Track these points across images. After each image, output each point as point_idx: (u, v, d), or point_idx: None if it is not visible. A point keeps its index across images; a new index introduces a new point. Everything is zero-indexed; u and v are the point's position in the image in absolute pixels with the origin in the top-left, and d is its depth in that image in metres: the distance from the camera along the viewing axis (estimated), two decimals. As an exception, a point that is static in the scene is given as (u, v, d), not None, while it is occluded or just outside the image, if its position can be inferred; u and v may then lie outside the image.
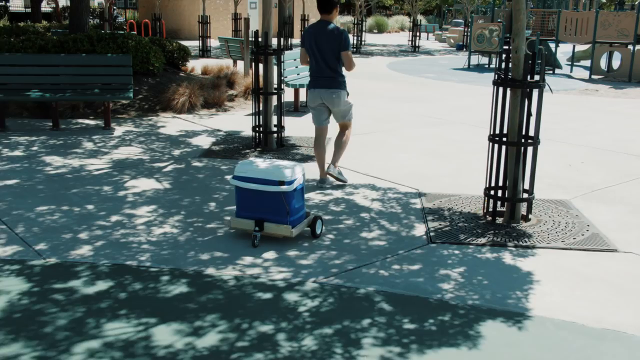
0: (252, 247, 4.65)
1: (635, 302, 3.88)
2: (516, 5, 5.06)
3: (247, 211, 4.79)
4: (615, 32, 17.35)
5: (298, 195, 4.82)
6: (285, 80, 10.20)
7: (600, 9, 21.85)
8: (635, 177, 6.83)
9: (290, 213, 4.70)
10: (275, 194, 4.66)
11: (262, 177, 4.68)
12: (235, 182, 4.76)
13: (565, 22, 18.63)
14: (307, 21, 28.57)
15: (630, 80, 17.05)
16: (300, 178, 4.81)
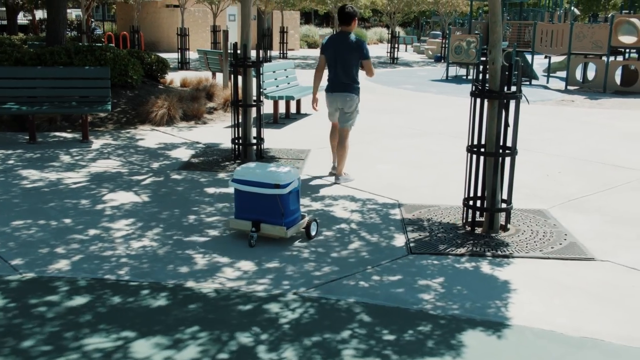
0: (249, 247, 4.88)
1: (613, 311, 3.92)
2: (492, 18, 5.12)
3: (244, 213, 5.02)
4: (590, 44, 17.62)
5: (293, 198, 5.03)
6: (265, 92, 10.21)
7: (575, 21, 22.19)
8: (612, 186, 6.92)
9: (285, 215, 4.91)
10: (270, 196, 4.89)
11: (258, 180, 4.92)
12: (234, 185, 5.01)
13: (541, 34, 18.89)
14: (286, 33, 28.68)
15: (605, 91, 17.30)
16: (295, 181, 5.02)
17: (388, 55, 29.43)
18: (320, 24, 58.11)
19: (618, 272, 4.55)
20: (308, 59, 29.08)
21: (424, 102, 14.38)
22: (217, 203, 6.02)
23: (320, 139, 9.26)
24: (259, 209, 4.96)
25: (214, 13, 23.29)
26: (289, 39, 30.96)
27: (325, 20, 61.22)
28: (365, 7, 31.14)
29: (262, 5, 26.85)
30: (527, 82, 19.48)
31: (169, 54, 25.58)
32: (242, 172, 5.03)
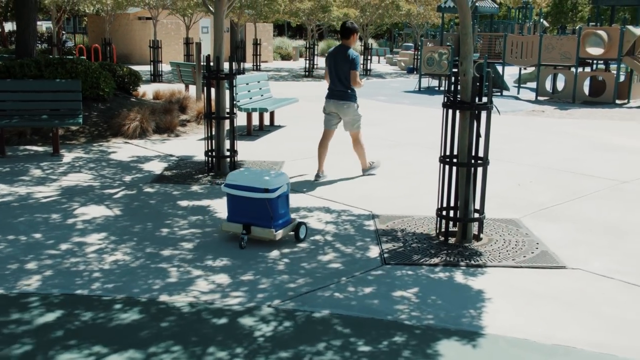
0: (240, 249, 5.10)
1: (584, 318, 3.97)
2: (463, 30, 5.18)
3: (236, 216, 5.26)
4: (559, 55, 17.92)
5: (282, 201, 5.25)
6: (238, 105, 10.20)
7: (544, 33, 22.55)
8: (582, 195, 7.02)
9: (274, 218, 5.13)
10: (260, 200, 5.11)
11: (249, 184, 5.16)
12: (226, 189, 5.25)
13: (511, 46, 19.16)
14: (260, 45, 28.70)
15: (574, 101, 17.59)
16: (284, 186, 5.24)
17: (361, 67, 29.61)
18: (294, 36, 58.30)
19: (589, 279, 4.61)
20: (282, 71, 29.13)
21: (397, 113, 14.48)
22: (190, 216, 5.98)
23: (294, 151, 9.28)
24: (249, 212, 5.17)
25: (187, 25, 23.24)
26: (262, 51, 30.99)
27: (299, 32, 61.44)
28: (338, 19, 31.29)
29: (235, 17, 26.86)
30: (498, 93, 19.73)
31: (142, 67, 25.44)
32: (234, 176, 5.26)
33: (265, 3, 24.17)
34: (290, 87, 20.49)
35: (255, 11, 25.52)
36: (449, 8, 21.69)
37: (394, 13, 30.29)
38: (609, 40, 17.01)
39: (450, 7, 21.56)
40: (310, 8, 26.63)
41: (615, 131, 12.15)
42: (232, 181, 5.25)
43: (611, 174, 8.07)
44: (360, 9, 29.98)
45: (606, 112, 15.60)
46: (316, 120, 12.51)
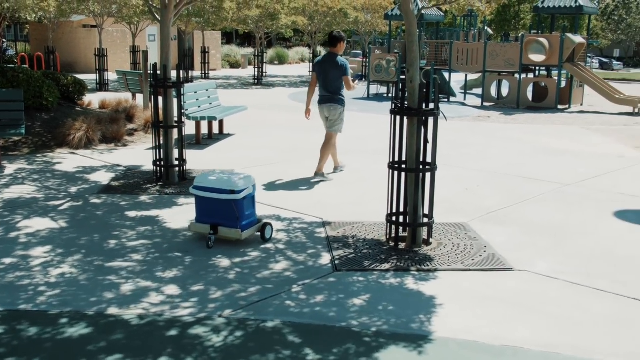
0: (207, 248, 5.27)
1: (531, 318, 4.06)
2: (409, 38, 5.26)
3: (204, 217, 5.43)
4: (503, 62, 18.35)
5: (248, 203, 5.43)
6: (186, 113, 10.10)
7: (488, 40, 23.06)
8: (527, 198, 7.19)
9: (240, 219, 5.30)
10: (226, 202, 5.28)
11: (215, 186, 5.32)
12: (194, 192, 5.42)
13: (457, 53, 19.52)
14: (208, 54, 28.49)
15: (519, 107, 18.02)
16: (250, 188, 5.42)
17: (310, 74, 29.69)
18: (242, 44, 58.09)
19: (535, 280, 4.72)
20: (230, 79, 28.99)
21: (346, 120, 14.53)
22: (139, 226, 5.88)
23: (244, 159, 9.23)
24: (216, 213, 5.34)
25: (133, 33, 22.91)
26: (210, 59, 30.77)
27: (247, 40, 61.26)
28: (286, 27, 31.34)
29: (183, 25, 26.61)
30: (445, 99, 20.07)
31: (87, 75, 24.94)
32: (201, 179, 5.43)
33: (213, 11, 24.03)
34: (239, 96, 20.40)
35: (203, 19, 25.34)
36: (395, 16, 21.97)
37: (342, 21, 30.48)
38: (550, 47, 17.51)
39: (397, 15, 21.83)
40: (258, 16, 26.59)
41: (558, 135, 12.50)
42: (200, 183, 5.41)
43: (554, 178, 8.29)
44: (308, 16, 30.10)
45: (549, 117, 16.03)
46: (266, 128, 12.51)
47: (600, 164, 9.43)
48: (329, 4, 28.91)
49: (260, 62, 26.55)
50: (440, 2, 6.52)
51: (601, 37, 73.25)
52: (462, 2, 6.55)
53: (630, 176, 8.57)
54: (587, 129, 13.84)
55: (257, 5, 25.70)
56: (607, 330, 3.92)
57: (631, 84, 32.50)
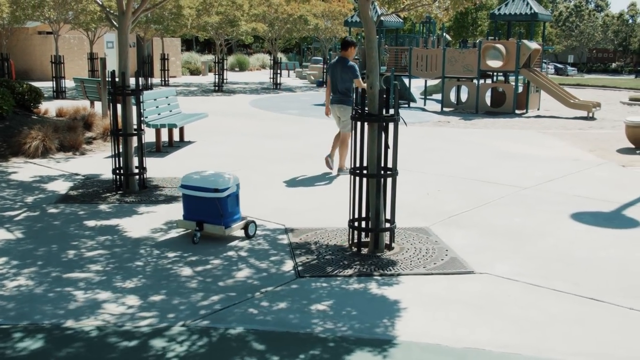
0: (192, 244, 5.55)
1: (492, 320, 4.11)
2: (368, 44, 5.29)
3: (190, 214, 5.75)
4: (461, 68, 18.61)
5: (232, 201, 5.71)
6: (146, 121, 9.98)
7: (447, 46, 23.36)
8: (487, 202, 7.29)
9: (223, 216, 5.60)
10: (211, 199, 5.57)
11: (201, 185, 5.62)
12: (182, 190, 5.74)
13: (416, 59, 19.73)
14: (167, 60, 28.24)
15: (477, 112, 18.29)
16: (234, 187, 5.72)
17: (271, 81, 29.68)
18: (202, 51, 57.75)
19: (495, 283, 4.79)
20: (191, 86, 28.78)
21: (308, 126, 14.59)
22: (98, 236, 5.78)
23: (205, 166, 9.15)
24: (202, 210, 5.65)
25: (91, 40, 22.58)
26: (170, 66, 30.50)
27: (207, 46, 60.94)
28: (246, 34, 31.27)
29: (142, 32, 26.33)
30: (406, 104, 20.25)
31: (43, 83, 24.48)
32: (188, 178, 5.73)
33: (172, 17, 23.83)
34: (200, 103, 20.26)
35: (162, 26, 25.10)
36: (355, 22, 22.11)
37: (302, 27, 30.56)
38: (507, 53, 17.82)
39: (356, 22, 21.98)
40: (218, 22, 26.47)
41: (516, 140, 12.72)
42: (186, 182, 5.72)
43: (513, 181, 8.43)
44: (268, 23, 30.08)
45: (507, 121, 16.31)
46: (227, 135, 12.44)
47: (557, 167, 9.62)
48: (288, 10, 28.96)
49: (220, 68, 26.42)
50: (399, 9, 6.58)
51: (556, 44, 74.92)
52: (420, 9, 6.63)
53: (586, 179, 8.76)
54: (544, 133, 14.11)
55: (217, 11, 25.58)
56: (565, 330, 3.99)
57: (585, 88, 33.28)
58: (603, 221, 6.57)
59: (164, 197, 7.25)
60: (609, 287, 4.73)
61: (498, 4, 48.42)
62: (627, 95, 28.07)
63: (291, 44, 55.21)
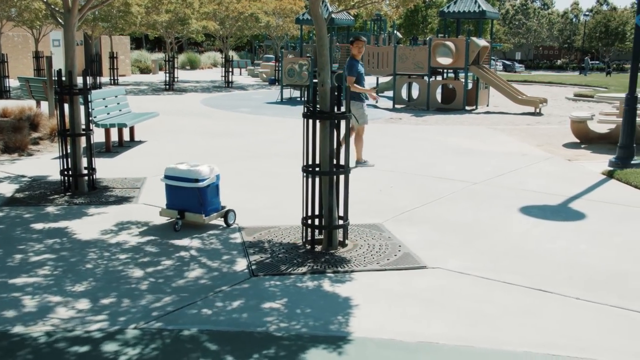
0: (174, 231, 5.86)
1: (444, 314, 4.17)
2: (319, 42, 5.30)
3: (172, 203, 6.08)
4: (412, 65, 18.80)
5: (212, 191, 6.05)
6: (95, 121, 9.79)
7: (398, 44, 23.57)
8: (439, 197, 7.38)
9: (203, 205, 5.93)
10: (191, 189, 5.91)
11: (182, 175, 5.95)
12: (164, 180, 6.06)
13: (368, 56, 19.84)
14: (116, 59, 27.75)
15: (429, 108, 18.51)
16: (213, 177, 6.04)
17: (223, 80, 29.45)
18: (152, 49, 56.93)
19: (448, 277, 4.85)
20: (141, 85, 28.35)
21: (260, 124, 14.53)
22: (46, 239, 5.64)
23: (156, 166, 9.02)
24: (183, 199, 5.98)
25: (36, 38, 22.03)
26: (119, 64, 29.97)
27: (158, 45, 60.08)
28: (197, 32, 30.94)
29: (89, 29, 25.80)
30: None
31: (-13, 83, 23.73)
32: (170, 169, 6.03)
33: (120, 15, 23.40)
34: (150, 102, 19.98)
35: (110, 24, 24.63)
36: (306, 20, 22.10)
37: (254, 25, 30.43)
38: (456, 50, 18.08)
39: (307, 20, 21.97)
40: (168, 20, 26.12)
41: (466, 136, 12.92)
42: (169, 173, 6.04)
43: (464, 177, 8.56)
44: (219, 21, 29.84)
45: (457, 117, 16.56)
46: (179, 134, 12.30)
47: (506, 162, 9.81)
48: (239, 8, 28.78)
49: (171, 67, 26.09)
50: (349, 6, 6.61)
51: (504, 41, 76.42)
52: (369, 7, 6.66)
53: (533, 173, 8.96)
54: (493, 128, 14.38)
55: (167, 9, 25.24)
56: (516, 321, 4.07)
57: (532, 85, 34.04)
58: (550, 214, 6.73)
59: (114, 198, 7.12)
60: (557, 278, 4.85)
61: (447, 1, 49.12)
62: (572, 91, 28.86)
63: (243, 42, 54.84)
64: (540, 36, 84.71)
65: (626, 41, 74.98)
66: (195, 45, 65.37)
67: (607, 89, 28.83)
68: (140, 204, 6.92)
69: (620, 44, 77.53)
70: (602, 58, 79.24)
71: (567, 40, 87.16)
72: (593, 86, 32.19)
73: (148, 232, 5.92)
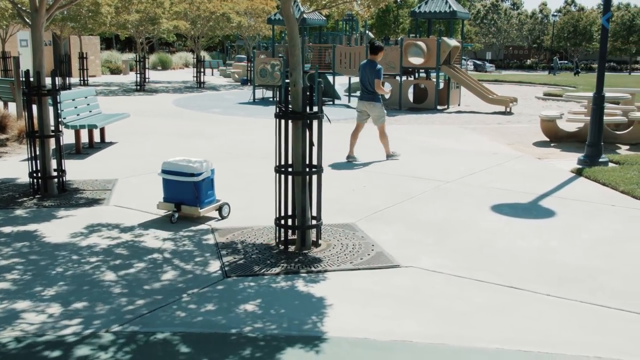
0: (170, 223, 6.17)
1: (418, 312, 4.19)
2: (291, 42, 5.29)
3: (169, 196, 6.35)
4: (384, 65, 18.86)
5: (207, 185, 6.33)
6: (64, 122, 9.66)
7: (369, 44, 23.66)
8: (411, 196, 7.43)
9: (199, 198, 6.21)
10: (188, 183, 6.19)
11: (178, 170, 6.25)
12: (161, 175, 6.37)
13: (340, 56, 19.89)
14: (86, 59, 27.42)
15: (401, 108, 18.61)
16: (208, 172, 6.35)
17: (194, 80, 29.28)
18: (123, 49, 56.36)
19: (421, 275, 4.89)
20: (112, 86, 28.06)
21: (233, 125, 14.47)
22: (15, 243, 5.55)
23: (127, 168, 8.95)
24: (179, 193, 6.26)
25: (3, 38, 21.67)
26: (89, 65, 29.62)
27: (128, 45, 59.51)
28: (168, 32, 30.70)
29: (57, 29, 25.45)
30: (331, 102, 20.37)
31: (-48, 84, 23.28)
32: (167, 164, 6.34)
33: (90, 15, 23.13)
34: (121, 102, 19.78)
35: (79, 24, 24.32)
36: (278, 20, 22.07)
37: (225, 25, 30.30)
38: (427, 50, 18.21)
39: (279, 20, 21.94)
40: (138, 20, 25.88)
41: (438, 135, 13.02)
42: (166, 167, 6.33)
43: (436, 176, 8.62)
44: (191, 21, 29.65)
45: (429, 117, 16.67)
46: (150, 135, 12.19)
47: (478, 161, 9.91)
48: (211, 8, 28.63)
49: (142, 67, 25.86)
50: (320, 6, 6.61)
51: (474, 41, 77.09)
52: (341, 6, 6.67)
53: (505, 172, 9.06)
54: (465, 128, 14.51)
55: (137, 9, 25.00)
56: (487, 318, 4.11)
57: (502, 84, 34.43)
58: (522, 212, 6.81)
59: (84, 200, 7.03)
60: (528, 275, 4.92)
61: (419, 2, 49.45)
62: (542, 90, 29.25)
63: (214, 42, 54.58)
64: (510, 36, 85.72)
65: (593, 41, 76.27)
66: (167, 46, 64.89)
67: (575, 88, 29.28)
68: (112, 206, 6.85)
69: (588, 44, 78.83)
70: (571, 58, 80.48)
71: (537, 40, 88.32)
72: (562, 85, 32.68)
73: (120, 234, 5.86)
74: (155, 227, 6.07)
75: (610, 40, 69.71)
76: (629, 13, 75.00)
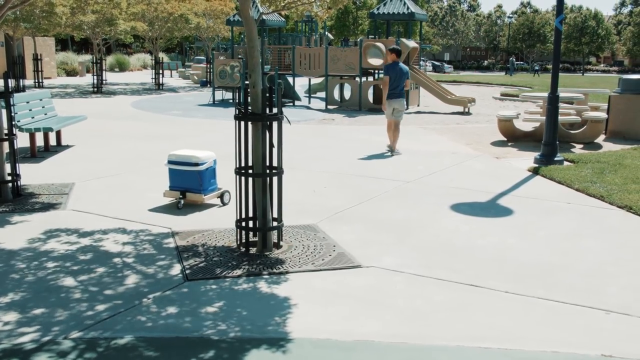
0: (177, 209, 6.73)
1: (379, 312, 4.23)
2: (249, 43, 5.29)
3: (175, 184, 6.93)
4: (344, 66, 18.96)
5: (210, 173, 6.93)
6: (18, 125, 9.46)
7: (329, 45, 23.73)
8: (372, 196, 7.48)
9: (202, 185, 6.80)
10: (192, 172, 6.78)
11: (183, 160, 6.85)
12: (168, 165, 6.93)
13: (299, 58, 19.90)
14: (41, 61, 26.88)
15: (361, 109, 18.72)
16: (211, 162, 6.95)
17: (153, 82, 28.97)
18: (79, 51, 55.43)
19: (382, 275, 4.93)
20: (68, 88, 27.55)
21: (192, 127, 14.37)
22: (-32, 250, 5.41)
23: (85, 171, 8.81)
24: (184, 181, 6.84)
25: (-47, 40, 21.09)
26: (44, 66, 29.05)
27: (85, 46, 58.57)
28: (125, 33, 30.31)
29: (10, 30, 24.90)
30: (291, 103, 20.38)
31: None
32: (173, 155, 6.93)
33: (44, 15, 22.68)
34: (78, 105, 19.45)
35: (33, 24, 23.85)
36: (237, 21, 21.98)
37: (184, 26, 30.07)
38: (387, 51, 18.33)
39: (238, 21, 21.85)
40: (94, 21, 25.49)
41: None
42: (172, 158, 6.91)
43: (396, 176, 8.70)
44: (148, 22, 29.33)
45: (389, 118, 16.77)
46: (108, 138, 12.02)
47: (437, 160, 10.03)
48: (169, 9, 28.37)
49: (99, 69, 25.46)
50: (279, 7, 6.62)
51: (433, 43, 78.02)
52: (300, 7, 6.69)
53: (463, 171, 9.20)
54: (424, 128, 14.67)
55: (93, 10, 24.62)
56: (447, 316, 4.17)
57: (461, 85, 34.92)
58: (480, 211, 6.92)
59: (40, 205, 6.90)
60: (486, 272, 5.00)
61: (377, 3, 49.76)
62: (499, 90, 29.76)
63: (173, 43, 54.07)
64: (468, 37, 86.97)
65: (547, 43, 77.87)
66: (124, 47, 64.04)
67: (531, 88, 29.86)
68: (69, 210, 6.73)
69: (542, 46, 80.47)
70: (527, 59, 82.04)
71: (493, 41, 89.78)
72: (518, 86, 33.31)
73: (78, 239, 5.77)
74: (115, 232, 5.99)
75: (564, 42, 71.40)
76: (582, 15, 76.81)
